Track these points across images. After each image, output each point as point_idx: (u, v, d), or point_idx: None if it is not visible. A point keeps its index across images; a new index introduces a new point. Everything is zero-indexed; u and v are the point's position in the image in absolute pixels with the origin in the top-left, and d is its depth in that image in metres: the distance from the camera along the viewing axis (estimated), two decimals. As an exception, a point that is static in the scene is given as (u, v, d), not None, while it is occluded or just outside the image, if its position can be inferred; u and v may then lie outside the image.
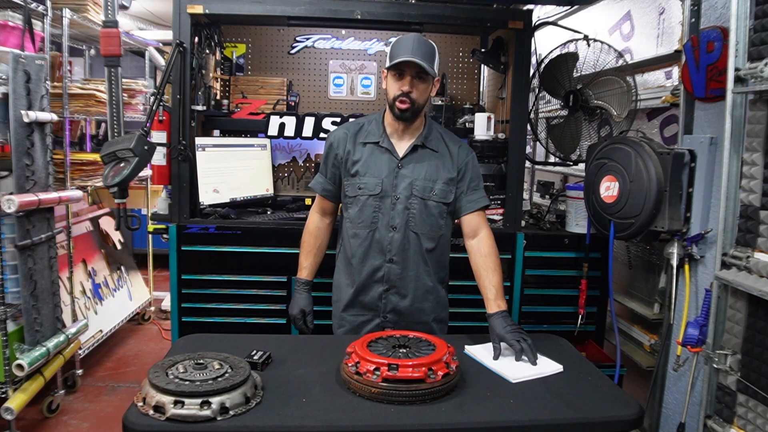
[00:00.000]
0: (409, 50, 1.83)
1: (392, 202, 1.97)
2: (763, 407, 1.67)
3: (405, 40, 1.88)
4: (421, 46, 1.86)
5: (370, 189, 1.97)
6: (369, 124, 2.04)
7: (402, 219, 1.97)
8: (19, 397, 2.57)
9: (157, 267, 4.79)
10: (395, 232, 1.97)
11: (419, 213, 1.97)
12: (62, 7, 3.00)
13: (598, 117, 2.74)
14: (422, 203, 1.97)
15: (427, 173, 1.97)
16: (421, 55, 1.84)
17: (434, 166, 1.99)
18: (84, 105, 3.30)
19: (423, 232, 1.99)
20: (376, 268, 2.00)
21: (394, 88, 1.90)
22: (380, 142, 1.99)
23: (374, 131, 2.01)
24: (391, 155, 1.98)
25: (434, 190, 1.98)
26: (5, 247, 2.55)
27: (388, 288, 2.01)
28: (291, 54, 3.30)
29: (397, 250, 1.98)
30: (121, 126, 2.66)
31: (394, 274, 1.99)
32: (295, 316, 2.10)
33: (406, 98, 1.88)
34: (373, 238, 1.99)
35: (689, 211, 2.04)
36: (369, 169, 1.98)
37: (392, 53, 1.88)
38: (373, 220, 1.98)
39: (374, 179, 1.97)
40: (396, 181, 1.97)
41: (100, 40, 2.54)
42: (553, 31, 3.07)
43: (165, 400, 1.31)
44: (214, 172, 2.81)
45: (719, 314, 1.81)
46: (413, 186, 1.96)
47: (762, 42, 1.66)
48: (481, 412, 1.42)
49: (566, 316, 2.77)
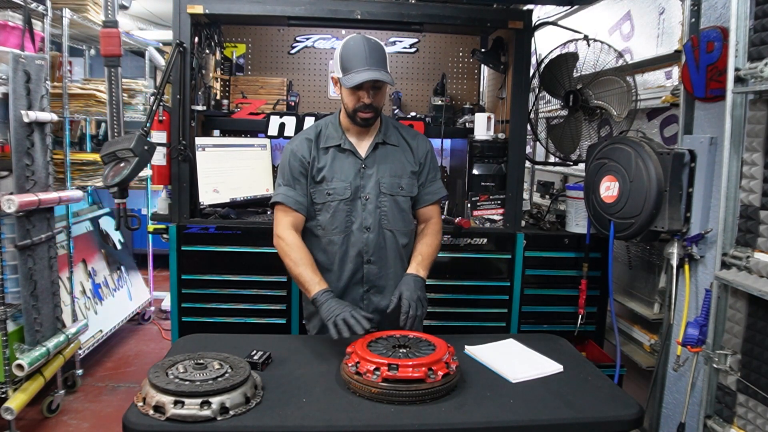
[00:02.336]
0: (363, 60, 1.78)
1: (362, 203, 1.94)
2: (763, 407, 1.67)
3: (355, 47, 1.81)
4: (374, 53, 1.81)
5: (340, 194, 1.93)
6: (326, 128, 1.99)
7: (375, 218, 1.95)
8: (19, 397, 2.57)
9: (157, 267, 4.79)
10: (369, 233, 1.95)
11: (390, 210, 1.96)
12: (62, 7, 3.00)
13: (598, 117, 2.74)
14: (392, 200, 1.96)
15: (392, 169, 1.96)
16: (375, 63, 1.80)
17: (398, 161, 1.98)
18: (84, 105, 3.30)
19: (397, 228, 1.98)
20: (354, 270, 1.97)
21: (352, 100, 1.86)
22: (342, 144, 1.95)
23: (333, 134, 1.97)
24: (354, 156, 1.95)
25: (402, 186, 1.97)
26: (5, 247, 2.55)
27: (368, 288, 2.00)
28: (291, 54, 3.30)
29: (374, 250, 1.96)
30: (121, 126, 2.65)
31: (372, 275, 1.98)
32: (344, 317, 1.69)
33: (369, 109, 1.86)
34: (349, 242, 1.96)
35: (689, 211, 2.04)
36: (335, 174, 1.93)
37: (344, 64, 1.82)
38: (346, 223, 1.95)
39: (342, 183, 1.93)
40: (363, 181, 1.94)
41: (100, 40, 2.53)
42: (553, 31, 3.07)
43: (165, 400, 1.31)
44: (214, 172, 2.81)
45: (719, 314, 1.81)
46: (380, 184, 1.94)
47: (762, 42, 1.66)
48: (481, 412, 1.42)
49: (566, 316, 2.77)
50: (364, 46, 1.81)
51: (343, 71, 1.83)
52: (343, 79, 1.83)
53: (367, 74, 1.78)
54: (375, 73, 1.79)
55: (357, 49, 1.81)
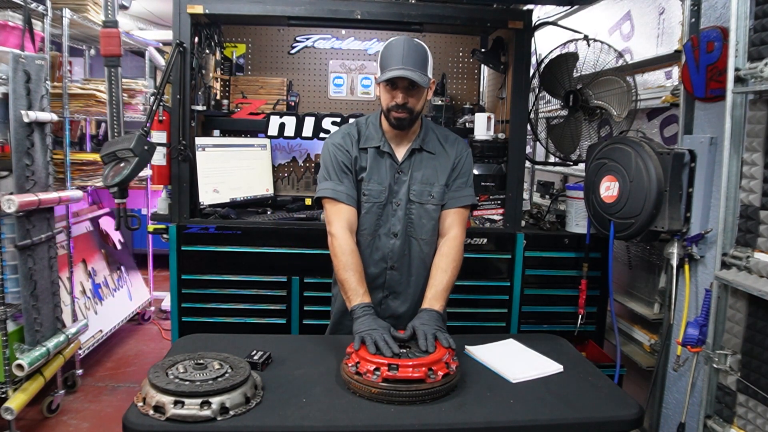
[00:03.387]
0: (400, 59, 1.75)
1: (393, 208, 1.92)
2: (763, 407, 1.67)
3: (395, 47, 1.79)
4: (411, 53, 1.77)
5: (375, 196, 1.90)
6: (365, 128, 1.95)
7: (402, 225, 1.92)
8: (19, 397, 2.57)
9: (157, 267, 4.79)
10: (396, 239, 1.92)
11: (418, 218, 1.92)
12: (62, 7, 3.00)
13: (598, 117, 2.74)
14: (421, 208, 1.91)
15: (424, 176, 1.91)
16: (413, 62, 1.76)
17: (432, 168, 1.93)
18: (84, 105, 3.30)
19: (423, 237, 1.93)
20: (376, 275, 1.95)
21: (387, 98, 1.83)
22: (381, 147, 1.91)
23: (373, 135, 1.93)
24: (392, 160, 1.91)
25: (432, 194, 1.91)
26: (5, 247, 2.55)
27: (388, 294, 1.97)
28: (291, 54, 3.30)
29: (398, 256, 1.93)
30: (121, 126, 2.65)
31: (394, 281, 1.96)
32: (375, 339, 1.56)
33: (402, 109, 1.82)
34: (374, 246, 1.93)
35: (689, 211, 2.04)
36: (373, 176, 1.89)
37: (382, 62, 1.80)
38: (375, 227, 1.92)
39: (379, 186, 1.90)
40: (396, 187, 1.91)
41: (100, 40, 2.53)
42: (553, 31, 3.07)
43: (165, 400, 1.31)
44: (214, 172, 2.81)
45: (719, 314, 1.81)
46: (411, 191, 1.91)
47: (762, 42, 1.66)
48: (481, 412, 1.42)
49: (566, 316, 2.77)
50: (403, 46, 1.78)
51: (380, 69, 1.81)
52: (378, 76, 1.81)
53: (399, 72, 1.75)
54: (407, 71, 1.75)
55: (396, 48, 1.79)
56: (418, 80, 1.75)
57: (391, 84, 1.80)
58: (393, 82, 1.79)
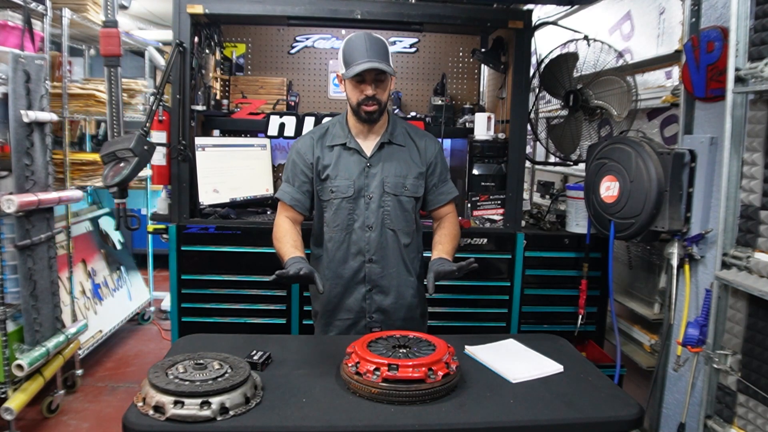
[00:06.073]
0: (365, 53, 1.81)
1: (366, 201, 1.97)
2: (763, 407, 1.67)
3: (357, 42, 1.84)
4: (374, 46, 1.83)
5: (343, 191, 1.96)
6: (333, 126, 2.03)
7: (377, 217, 1.97)
8: (18, 397, 2.57)
9: (157, 267, 4.78)
10: (371, 232, 1.97)
11: (393, 210, 1.98)
12: (62, 7, 3.00)
13: (598, 117, 2.74)
14: (395, 200, 1.98)
15: (397, 169, 1.97)
16: (377, 54, 1.82)
17: (403, 161, 1.99)
18: (84, 105, 3.30)
19: (399, 228, 1.99)
20: (356, 269, 1.99)
21: (355, 93, 1.88)
22: (347, 143, 1.98)
23: (339, 133, 2.00)
24: (360, 155, 1.98)
25: (406, 186, 1.98)
26: (5, 247, 2.55)
27: (371, 288, 2.01)
28: (291, 54, 3.30)
29: (376, 249, 1.98)
30: (121, 126, 2.65)
31: (375, 274, 1.99)
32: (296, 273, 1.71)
33: (372, 101, 1.87)
34: (350, 240, 1.98)
35: (689, 211, 2.04)
36: (339, 172, 1.96)
37: (346, 59, 1.85)
38: (348, 221, 1.98)
39: (346, 181, 1.96)
40: (367, 180, 1.97)
41: (100, 40, 2.53)
42: (553, 31, 3.07)
43: (165, 401, 1.31)
44: (214, 172, 2.81)
45: (719, 314, 1.81)
46: (384, 183, 1.96)
47: (762, 42, 1.66)
48: (481, 412, 1.42)
49: (566, 316, 2.77)
50: (365, 41, 1.84)
51: (345, 66, 1.85)
52: (345, 72, 1.85)
53: (368, 64, 1.80)
54: (375, 63, 1.80)
55: (358, 43, 1.84)
56: (388, 70, 1.83)
57: (359, 79, 1.85)
58: (361, 75, 1.84)
